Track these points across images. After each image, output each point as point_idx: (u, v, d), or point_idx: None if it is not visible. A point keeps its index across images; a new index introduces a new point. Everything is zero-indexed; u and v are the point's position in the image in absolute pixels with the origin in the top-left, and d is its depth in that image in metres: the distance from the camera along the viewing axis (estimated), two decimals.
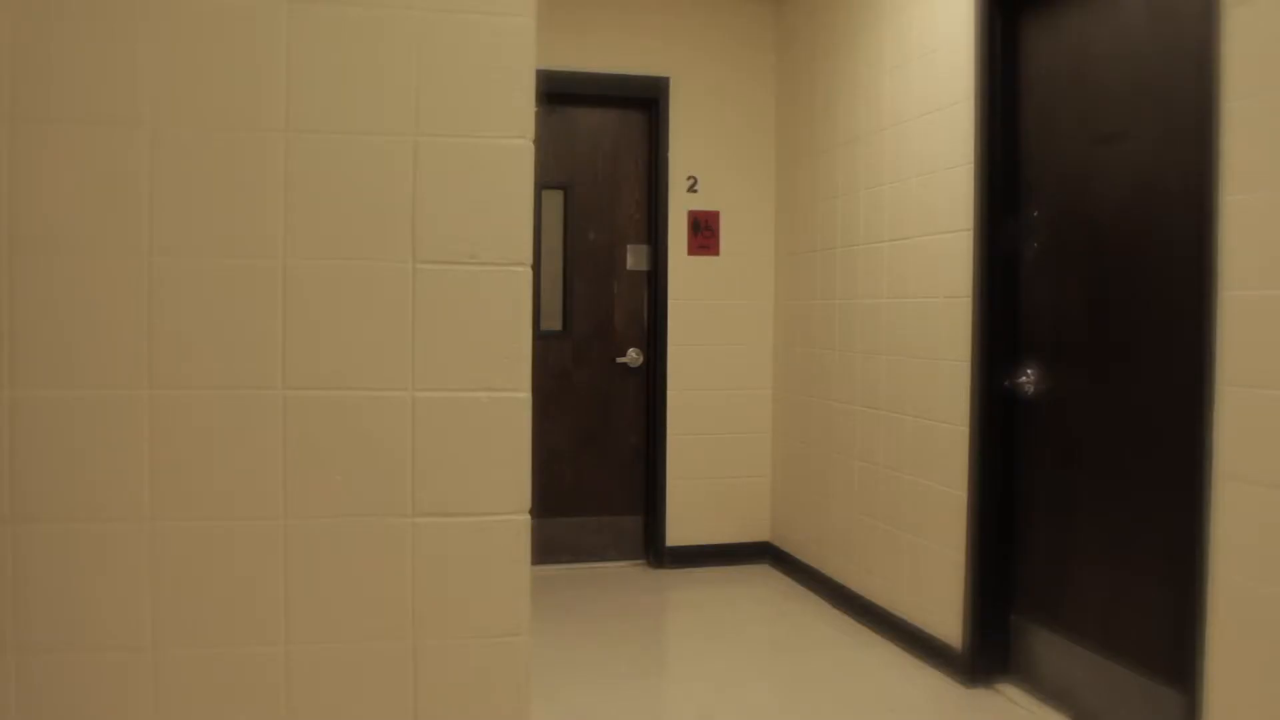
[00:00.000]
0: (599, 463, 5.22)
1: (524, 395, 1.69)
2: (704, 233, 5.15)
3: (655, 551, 5.16)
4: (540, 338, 5.09)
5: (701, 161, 5.13)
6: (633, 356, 5.19)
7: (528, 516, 1.70)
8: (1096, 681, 3.03)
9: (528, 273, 1.69)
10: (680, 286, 5.12)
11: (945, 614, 3.61)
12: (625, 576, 5.02)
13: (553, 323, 5.15)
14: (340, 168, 1.63)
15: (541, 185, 5.07)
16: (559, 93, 4.96)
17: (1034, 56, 3.34)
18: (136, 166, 1.58)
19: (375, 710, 1.67)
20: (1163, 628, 2.77)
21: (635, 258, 5.21)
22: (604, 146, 5.17)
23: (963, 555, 3.50)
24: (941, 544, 3.62)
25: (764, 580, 4.97)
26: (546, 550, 5.12)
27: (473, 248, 1.67)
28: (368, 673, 1.66)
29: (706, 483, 5.19)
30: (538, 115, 1.70)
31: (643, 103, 5.14)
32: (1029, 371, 3.34)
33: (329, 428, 1.64)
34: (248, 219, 1.61)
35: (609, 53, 5.01)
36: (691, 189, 5.12)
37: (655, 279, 5.15)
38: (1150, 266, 2.84)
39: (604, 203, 5.18)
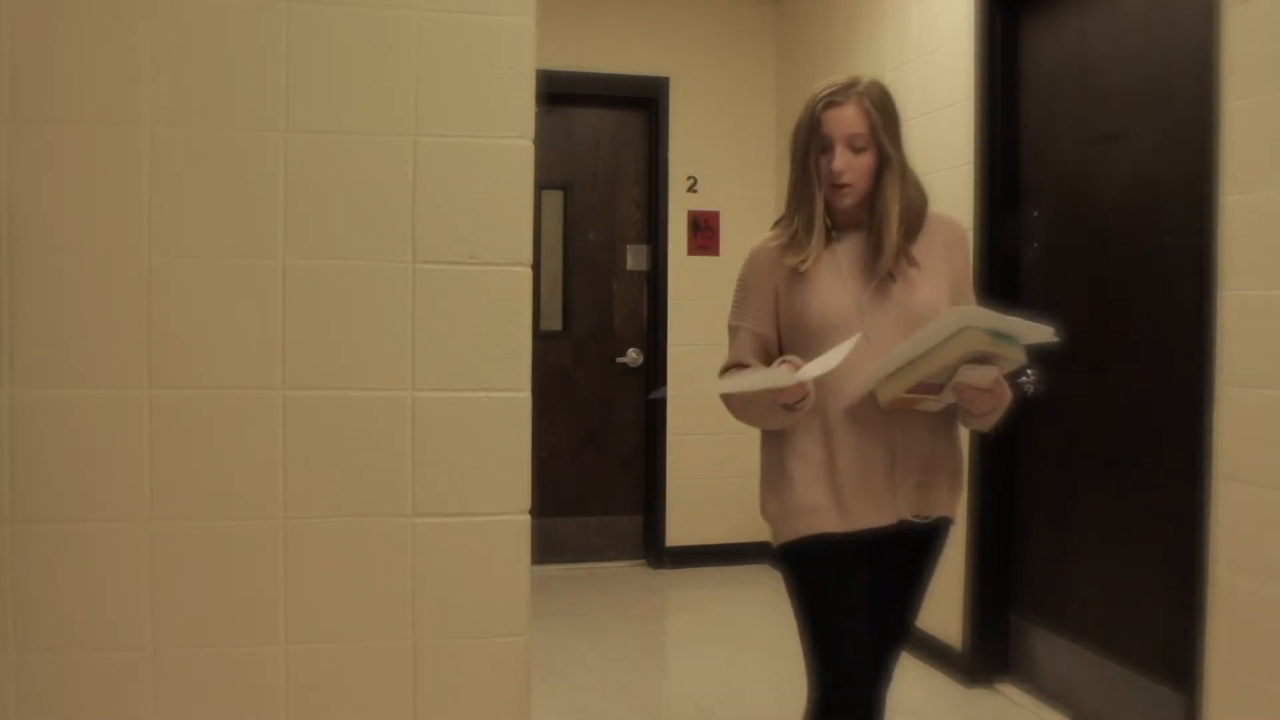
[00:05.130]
0: (599, 463, 5.22)
1: (524, 395, 1.69)
2: (704, 233, 5.14)
3: (655, 551, 5.16)
4: (540, 338, 5.09)
5: (701, 161, 5.13)
6: (632, 356, 5.19)
7: (528, 516, 1.70)
8: (1096, 681, 3.03)
9: (528, 273, 1.69)
10: (680, 286, 5.12)
11: (945, 614, 3.61)
12: (625, 576, 5.01)
13: (553, 323, 5.15)
14: (340, 168, 1.63)
15: (541, 185, 5.07)
16: (559, 93, 4.95)
17: (1034, 56, 3.34)
18: (136, 166, 1.58)
19: (375, 710, 1.67)
20: (1163, 628, 2.77)
21: (635, 258, 5.21)
22: (604, 146, 5.17)
23: (962, 555, 3.49)
24: None
25: (764, 580, 4.97)
26: (546, 550, 5.12)
27: (473, 248, 1.67)
28: (368, 673, 1.66)
29: (706, 483, 5.18)
30: (538, 115, 1.70)
31: (643, 103, 5.14)
32: (1029, 371, 3.34)
33: (329, 428, 1.64)
34: (248, 219, 1.61)
35: (609, 53, 5.00)
36: (691, 189, 5.12)
37: (655, 279, 5.15)
38: (1150, 266, 2.84)
39: (604, 203, 5.18)
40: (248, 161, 1.61)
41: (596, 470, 5.21)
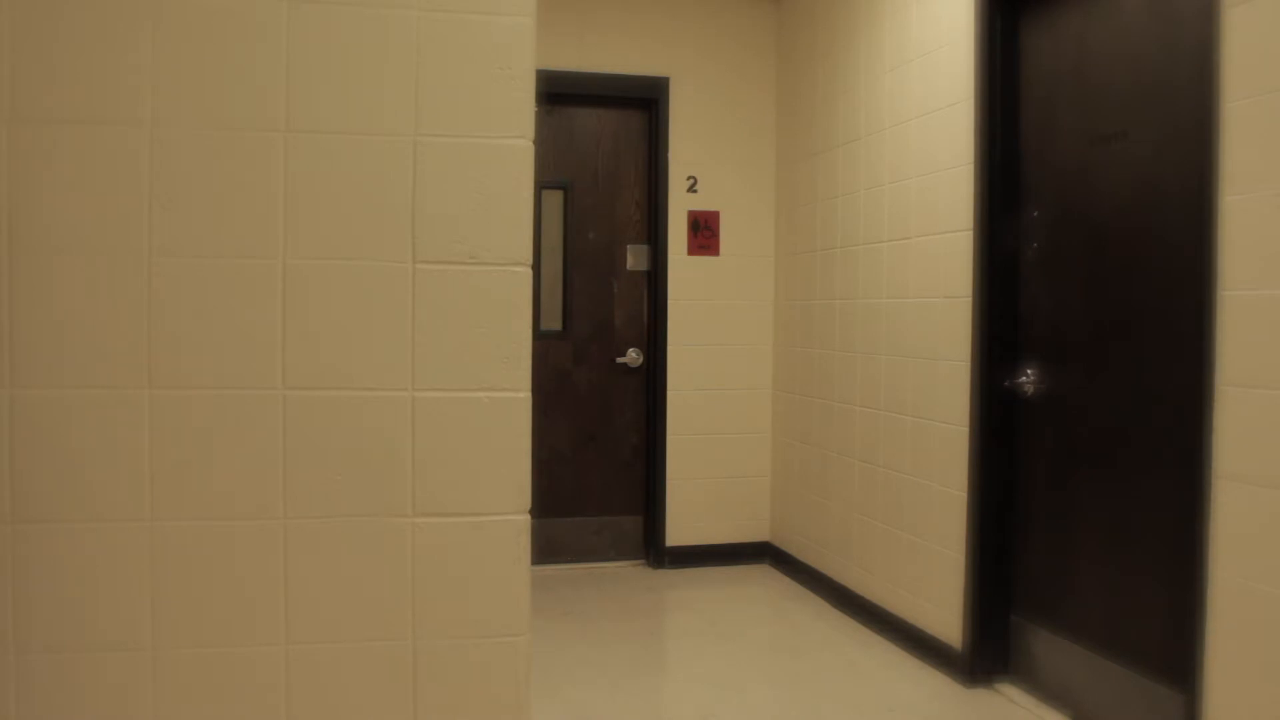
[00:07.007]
0: (599, 463, 5.22)
1: (524, 395, 1.69)
2: (704, 233, 5.15)
3: (655, 551, 5.16)
4: (540, 338, 5.09)
5: (701, 161, 5.13)
6: (632, 356, 5.20)
7: (527, 516, 1.70)
8: (1096, 681, 3.03)
9: (528, 273, 1.69)
10: (680, 286, 5.12)
11: (945, 614, 3.61)
12: (625, 576, 5.02)
13: (553, 323, 5.15)
14: (340, 168, 1.63)
15: (541, 185, 5.07)
16: (559, 93, 4.96)
17: (1034, 56, 3.34)
18: (136, 167, 1.58)
19: (375, 710, 1.67)
20: (1163, 628, 2.77)
21: (635, 258, 5.22)
22: (604, 146, 5.17)
23: (963, 555, 3.50)
24: (941, 544, 3.62)
25: (764, 580, 4.97)
26: (546, 550, 5.12)
27: (473, 248, 1.67)
28: (368, 673, 1.66)
29: (706, 483, 5.19)
30: (538, 115, 1.70)
31: (643, 103, 5.14)
32: (1029, 371, 3.34)
33: (329, 428, 1.64)
34: (248, 219, 1.61)
35: (609, 53, 5.01)
36: (691, 189, 5.12)
37: (655, 279, 5.15)
38: (1150, 266, 2.84)
39: (604, 203, 5.18)
40: (248, 161, 1.61)
41: (596, 470, 5.22)
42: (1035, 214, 3.33)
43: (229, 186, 1.61)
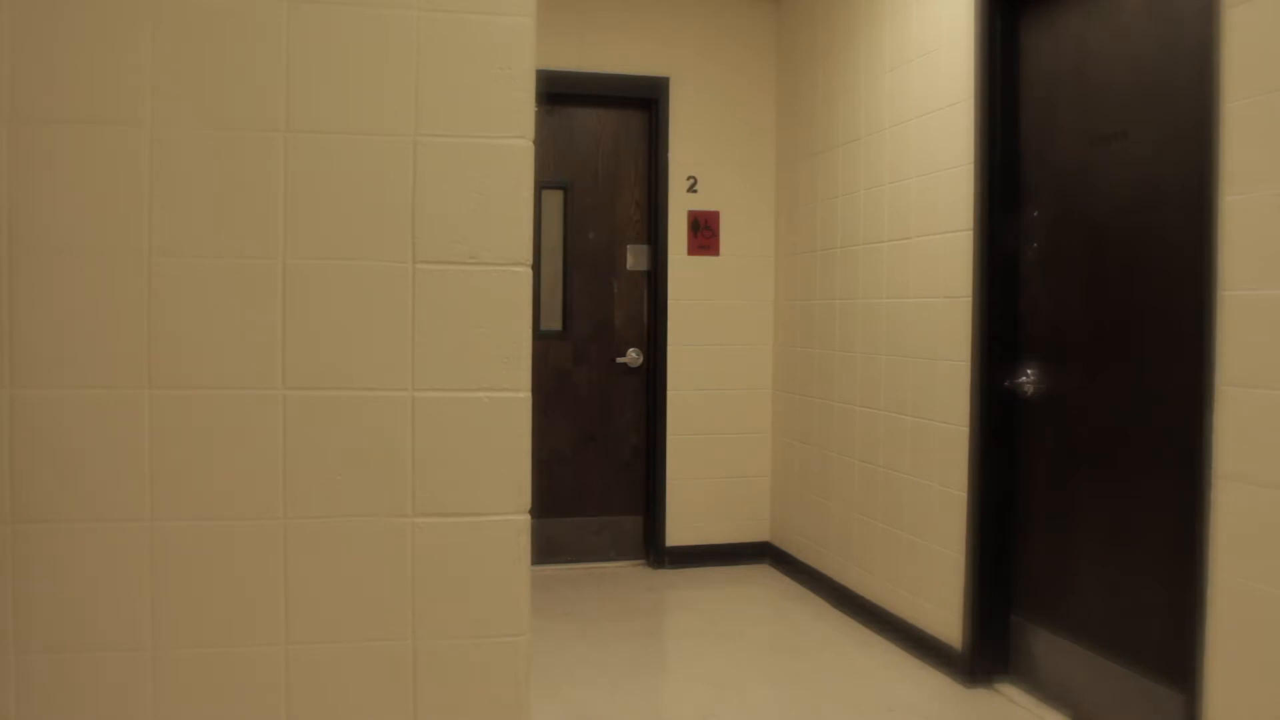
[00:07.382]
0: (599, 463, 5.22)
1: (524, 395, 1.69)
2: (704, 233, 5.15)
3: (655, 551, 5.16)
4: (540, 338, 5.09)
5: (701, 161, 5.13)
6: (632, 356, 5.20)
7: (527, 516, 1.70)
8: (1096, 681, 3.03)
9: (528, 273, 1.69)
10: (680, 286, 5.12)
11: (945, 614, 3.61)
12: (625, 576, 5.01)
13: (553, 323, 5.15)
14: (340, 168, 1.63)
15: (541, 185, 5.07)
16: (559, 93, 4.96)
17: (1034, 56, 3.34)
18: (136, 167, 1.58)
19: (375, 710, 1.67)
20: (1163, 628, 2.77)
21: (635, 258, 5.22)
22: (604, 146, 5.17)
23: (963, 555, 3.50)
24: (941, 544, 3.62)
25: (764, 580, 4.97)
26: (546, 550, 5.12)
27: (473, 248, 1.67)
28: (368, 673, 1.66)
29: (706, 483, 5.19)
30: (538, 115, 1.70)
31: (643, 103, 5.14)
32: (1029, 371, 3.34)
33: (329, 428, 1.64)
34: (248, 219, 1.61)
35: (609, 53, 5.01)
36: (691, 189, 5.12)
37: (655, 279, 5.15)
38: (1150, 266, 2.84)
39: (604, 203, 5.18)
40: (248, 161, 1.61)
41: (596, 470, 5.22)
42: (1035, 214, 3.33)
43: (229, 186, 1.61)
